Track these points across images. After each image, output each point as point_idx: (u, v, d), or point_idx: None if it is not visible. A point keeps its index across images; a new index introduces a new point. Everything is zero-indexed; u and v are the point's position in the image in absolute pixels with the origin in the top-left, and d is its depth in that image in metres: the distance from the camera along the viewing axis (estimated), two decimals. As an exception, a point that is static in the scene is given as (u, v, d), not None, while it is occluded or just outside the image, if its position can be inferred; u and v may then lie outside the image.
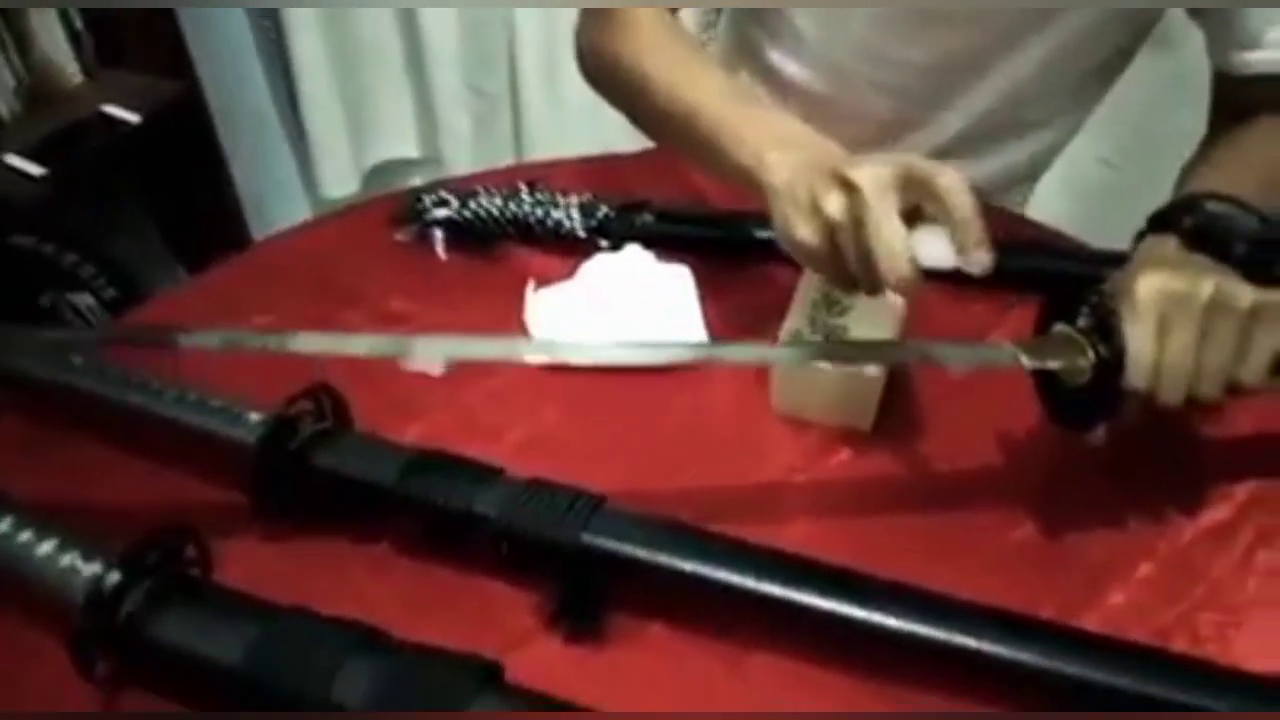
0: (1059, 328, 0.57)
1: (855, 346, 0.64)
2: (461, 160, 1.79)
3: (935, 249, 0.52)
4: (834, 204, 0.53)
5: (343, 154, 1.82)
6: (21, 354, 0.66)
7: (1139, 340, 0.52)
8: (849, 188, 0.52)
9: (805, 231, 0.55)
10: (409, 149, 1.88)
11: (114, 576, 0.49)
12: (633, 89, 0.73)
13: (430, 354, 0.58)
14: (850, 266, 0.54)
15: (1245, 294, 0.52)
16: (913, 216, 0.53)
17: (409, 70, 1.75)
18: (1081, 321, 0.56)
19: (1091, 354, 0.54)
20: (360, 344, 0.62)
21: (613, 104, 0.80)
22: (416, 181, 1.26)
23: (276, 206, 1.88)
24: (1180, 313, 0.52)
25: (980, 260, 0.51)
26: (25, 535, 0.52)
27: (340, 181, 1.84)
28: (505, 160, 1.77)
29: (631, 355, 0.67)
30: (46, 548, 0.52)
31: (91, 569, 0.50)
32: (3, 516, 0.53)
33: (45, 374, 0.65)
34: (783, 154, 0.58)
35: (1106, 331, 0.54)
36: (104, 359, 0.65)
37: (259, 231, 1.76)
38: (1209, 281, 0.52)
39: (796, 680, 0.52)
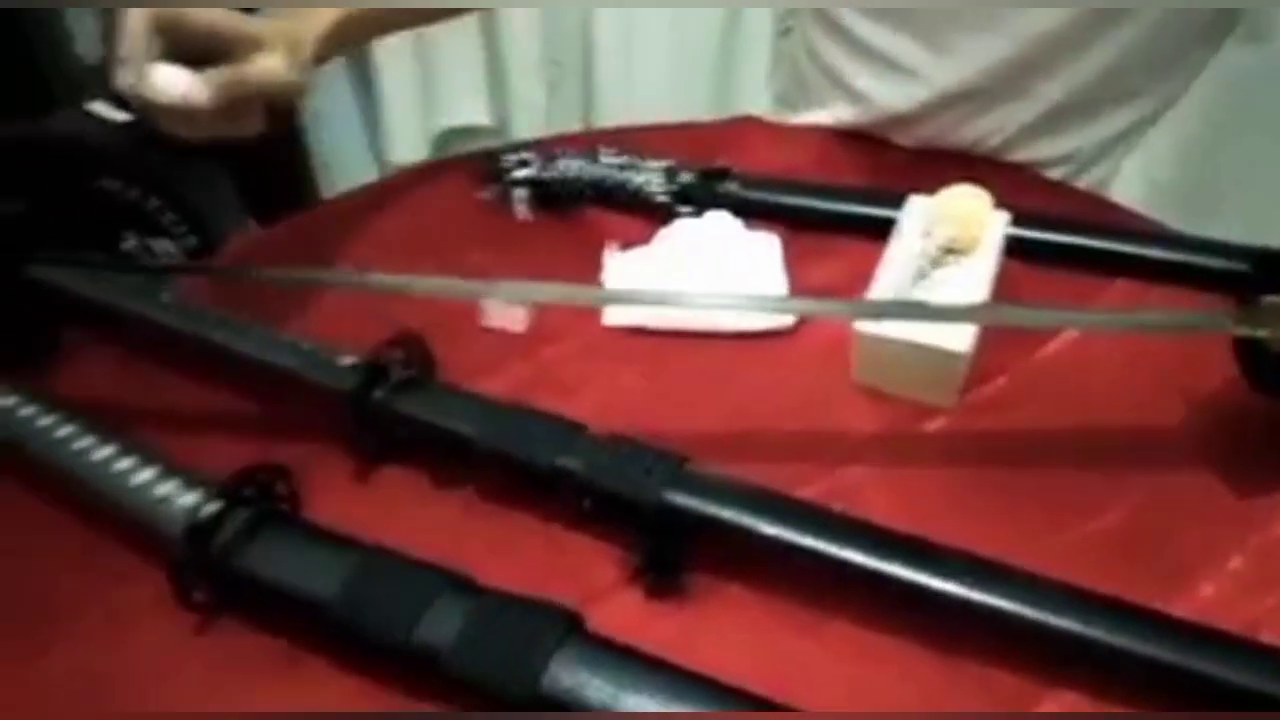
0: (1270, 299, 0.56)
1: (1048, 314, 0.63)
2: (530, 130, 1.79)
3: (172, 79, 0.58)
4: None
5: (413, 119, 1.83)
6: (115, 291, 0.68)
7: None
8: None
9: None
10: (479, 116, 1.89)
11: (214, 506, 0.50)
12: None
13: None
14: None
15: None
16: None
17: (484, 36, 1.76)
18: None
19: None
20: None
21: None
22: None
23: (344, 168, 1.89)
24: None
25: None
26: (125, 463, 0.54)
27: (409, 146, 1.85)
28: (574, 131, 1.78)
29: (722, 312, 0.67)
30: (145, 475, 0.53)
31: (189, 498, 0.51)
32: (103, 444, 0.55)
33: (138, 311, 0.66)
34: None
35: None
36: (194, 299, 0.67)
37: (327, 192, 1.77)
38: None
39: (873, 650, 0.52)
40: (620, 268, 0.74)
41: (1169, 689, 0.48)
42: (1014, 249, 0.70)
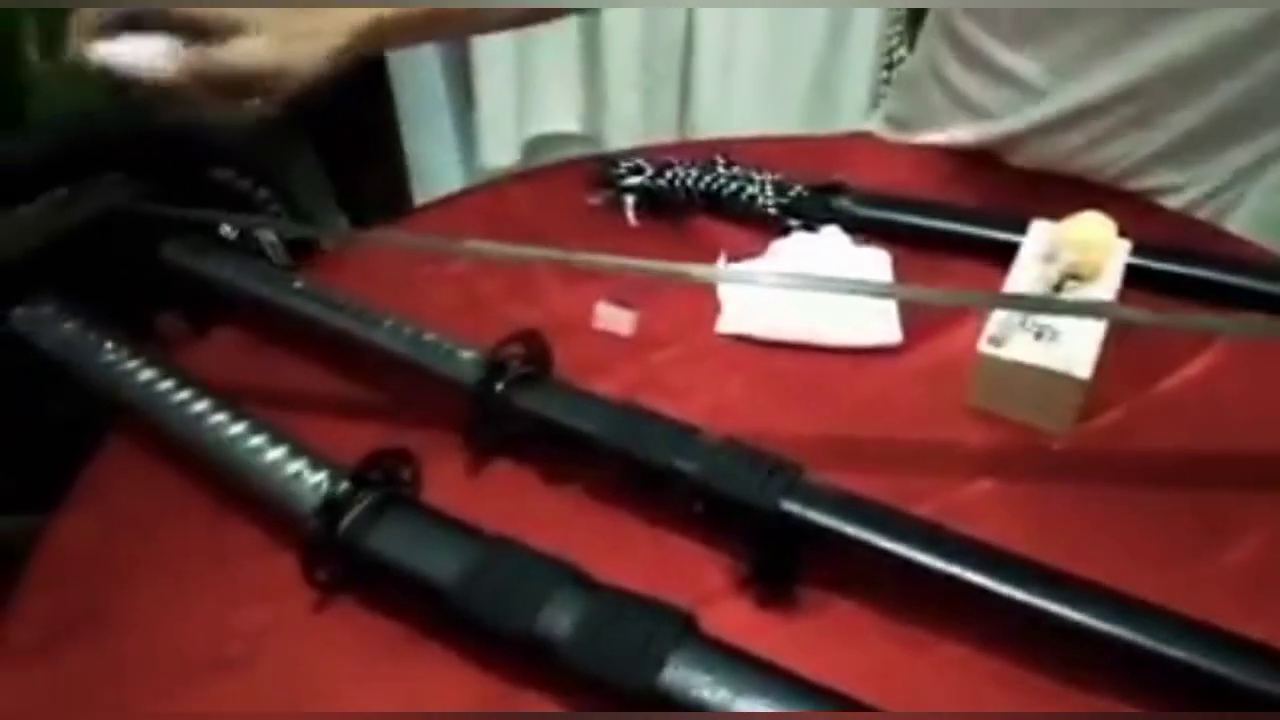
0: None
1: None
2: (622, 140, 1.81)
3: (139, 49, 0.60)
4: None
5: (506, 124, 1.86)
6: (249, 275, 0.70)
7: None
8: None
9: None
10: (571, 124, 1.91)
11: (344, 486, 0.51)
12: None
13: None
14: None
15: None
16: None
17: (582, 41, 1.78)
18: None
19: None
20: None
21: None
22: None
23: (436, 171, 1.93)
24: None
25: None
26: (257, 439, 0.55)
27: (501, 151, 1.88)
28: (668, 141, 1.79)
29: (832, 325, 0.67)
30: (276, 454, 0.55)
31: (318, 478, 0.53)
32: (236, 421, 0.57)
33: (268, 294, 0.69)
34: None
35: None
36: (323, 285, 0.69)
37: (420, 194, 1.81)
38: None
39: (981, 671, 0.51)
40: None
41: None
42: (1134, 278, 0.69)
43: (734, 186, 0.81)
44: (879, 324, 0.71)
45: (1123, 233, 0.69)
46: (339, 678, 0.52)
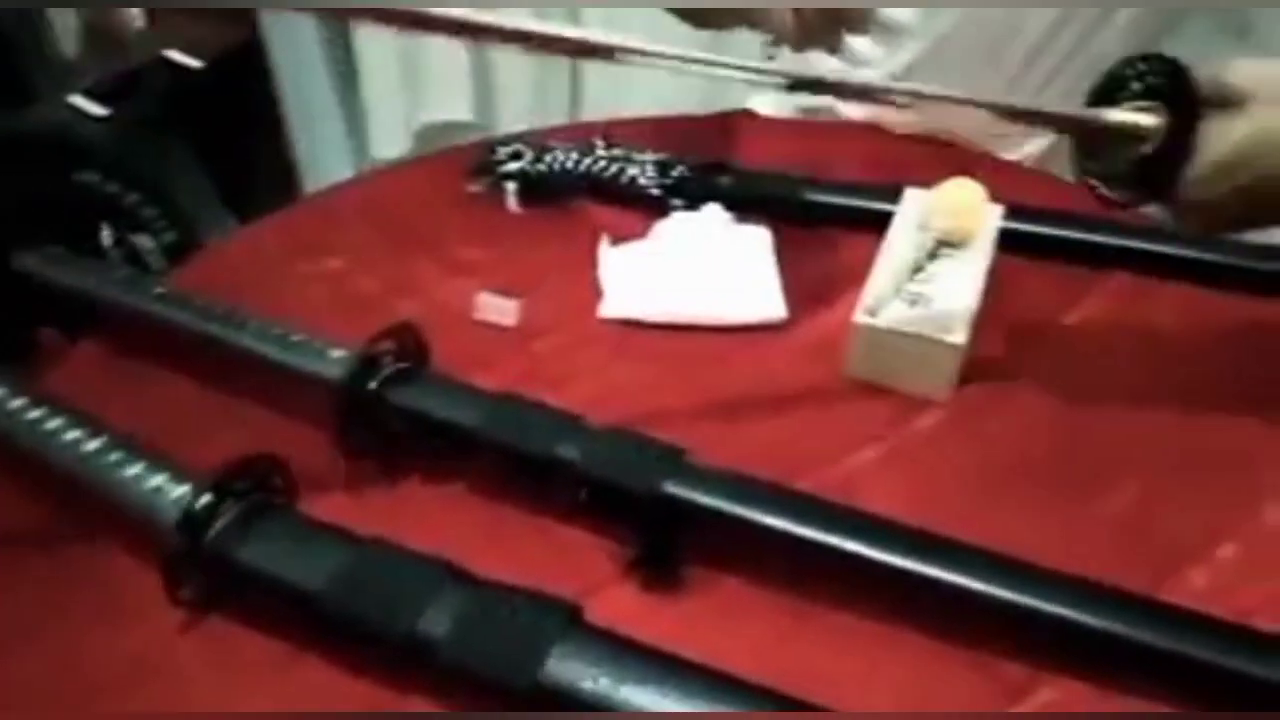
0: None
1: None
2: (514, 125, 1.78)
3: None
4: None
5: (396, 114, 1.82)
6: (106, 283, 0.67)
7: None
8: None
9: None
10: (462, 111, 1.87)
11: (206, 498, 0.49)
12: None
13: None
14: None
15: None
16: None
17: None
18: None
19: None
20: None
21: None
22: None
23: (325, 163, 1.88)
24: None
25: None
26: (116, 455, 0.53)
27: (391, 141, 1.84)
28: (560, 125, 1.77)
29: (716, 304, 0.67)
30: (136, 468, 0.52)
31: (180, 491, 0.51)
32: (94, 436, 0.54)
33: (130, 303, 0.66)
34: None
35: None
36: (186, 290, 0.66)
37: (309, 189, 1.76)
38: None
39: (870, 639, 0.52)
40: (614, 260, 0.74)
41: (1163, 675, 0.48)
42: (1010, 243, 0.70)
43: (615, 168, 0.80)
44: (763, 300, 0.71)
45: (999, 198, 0.70)
46: (224, 695, 0.50)
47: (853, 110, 0.90)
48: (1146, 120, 0.54)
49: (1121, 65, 0.56)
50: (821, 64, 0.86)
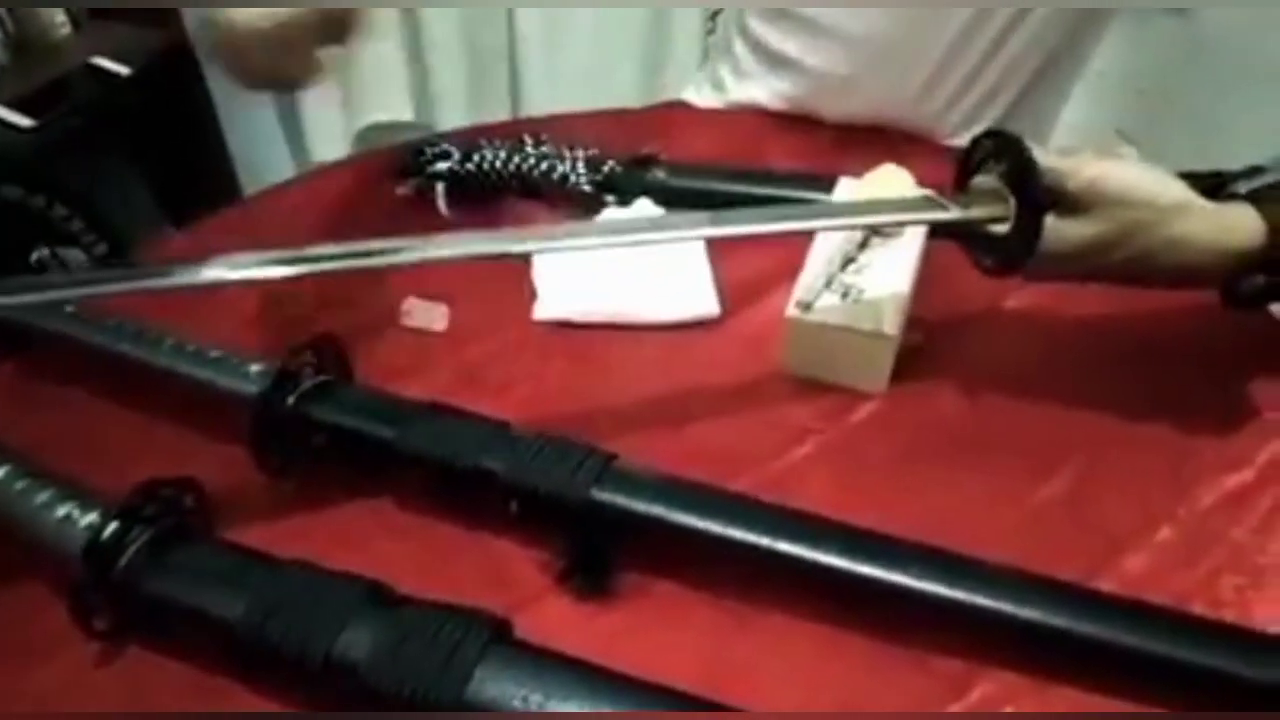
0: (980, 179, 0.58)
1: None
2: (455, 124, 1.75)
3: None
4: None
5: (333, 116, 1.79)
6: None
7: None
8: None
9: None
10: (402, 112, 1.84)
11: (112, 527, 0.47)
12: None
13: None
14: None
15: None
16: None
17: (405, 28, 1.72)
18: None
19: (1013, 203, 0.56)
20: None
21: None
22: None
23: (262, 168, 1.84)
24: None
25: None
26: (21, 484, 0.51)
27: (329, 144, 1.81)
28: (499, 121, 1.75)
29: (650, 302, 0.66)
30: (43, 497, 0.50)
31: (89, 519, 0.49)
32: (-3, 465, 0.52)
33: (40, 323, 0.63)
34: None
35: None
36: (99, 308, 0.63)
37: (249, 191, 1.72)
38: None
39: (807, 639, 0.51)
40: (546, 260, 0.73)
41: (1101, 665, 0.48)
42: (940, 229, 0.69)
43: (545, 166, 0.79)
44: (697, 298, 0.70)
45: (929, 184, 0.70)
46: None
47: (785, 102, 0.89)
48: (998, 210, 0.56)
49: (976, 140, 0.59)
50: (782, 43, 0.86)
